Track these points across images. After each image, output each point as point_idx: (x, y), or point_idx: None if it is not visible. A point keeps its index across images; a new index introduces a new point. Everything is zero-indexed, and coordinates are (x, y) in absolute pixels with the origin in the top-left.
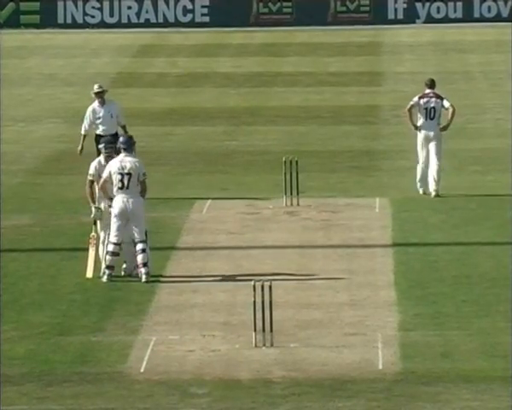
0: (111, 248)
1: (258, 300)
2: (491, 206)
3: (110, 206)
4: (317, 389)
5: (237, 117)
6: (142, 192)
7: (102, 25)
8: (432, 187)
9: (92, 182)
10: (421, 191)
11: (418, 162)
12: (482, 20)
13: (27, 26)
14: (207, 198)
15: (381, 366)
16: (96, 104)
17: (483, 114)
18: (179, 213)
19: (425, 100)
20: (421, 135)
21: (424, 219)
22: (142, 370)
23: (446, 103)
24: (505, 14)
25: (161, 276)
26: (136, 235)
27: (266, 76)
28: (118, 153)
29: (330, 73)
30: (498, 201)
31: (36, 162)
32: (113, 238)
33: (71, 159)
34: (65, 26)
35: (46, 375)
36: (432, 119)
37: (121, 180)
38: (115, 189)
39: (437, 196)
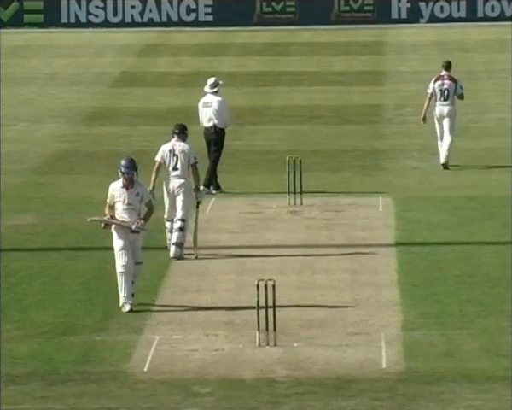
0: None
1: (262, 299)
2: (494, 205)
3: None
4: (321, 388)
5: (241, 116)
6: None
7: (106, 24)
8: (442, 159)
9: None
10: (442, 161)
11: (437, 141)
12: (486, 19)
13: (31, 25)
14: (211, 197)
15: (384, 366)
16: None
17: (486, 113)
18: None
19: (439, 82)
20: (436, 113)
21: (427, 218)
22: (145, 369)
23: (458, 90)
24: (509, 13)
25: (165, 275)
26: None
27: (270, 75)
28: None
29: (334, 73)
30: (501, 200)
31: (39, 162)
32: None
33: (74, 158)
34: (68, 25)
35: (49, 374)
36: (445, 100)
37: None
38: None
39: (445, 167)
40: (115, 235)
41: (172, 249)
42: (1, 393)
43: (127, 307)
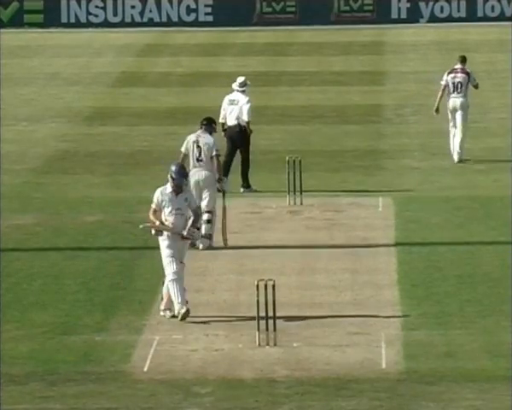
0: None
1: (262, 299)
2: (494, 205)
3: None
4: (321, 388)
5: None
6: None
7: (106, 24)
8: (455, 154)
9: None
10: (456, 159)
11: (449, 133)
12: (485, 19)
13: (31, 25)
14: None
15: (384, 366)
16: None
17: (486, 113)
18: None
19: (453, 75)
20: (450, 105)
21: (427, 218)
22: (145, 369)
23: (473, 81)
24: (508, 13)
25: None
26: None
27: (270, 75)
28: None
29: (334, 73)
30: (501, 200)
31: (39, 162)
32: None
33: (74, 158)
34: (68, 25)
35: (49, 374)
36: (459, 92)
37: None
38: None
39: (460, 161)
40: (165, 242)
41: (202, 241)
42: (1, 393)
43: (184, 310)
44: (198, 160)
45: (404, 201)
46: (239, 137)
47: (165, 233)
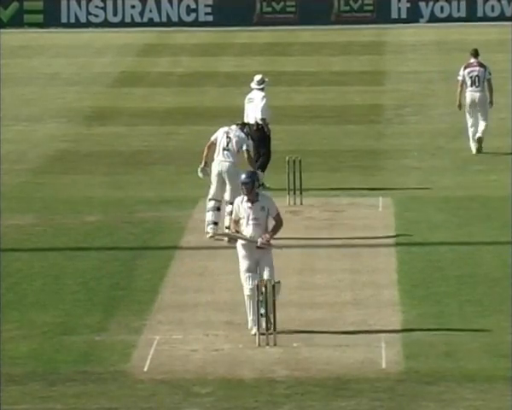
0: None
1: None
2: (494, 205)
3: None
4: (320, 388)
5: (241, 116)
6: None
7: (106, 24)
8: (473, 148)
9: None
10: (474, 151)
11: (468, 126)
12: (485, 19)
13: (31, 25)
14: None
15: (384, 366)
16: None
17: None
18: (183, 212)
19: (469, 69)
20: (467, 100)
21: (427, 218)
22: (145, 369)
23: (487, 76)
24: (508, 13)
25: (165, 275)
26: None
27: (270, 75)
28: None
29: (334, 73)
30: (501, 200)
31: (39, 162)
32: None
33: (74, 158)
34: (68, 25)
35: (49, 374)
36: (477, 86)
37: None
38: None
39: (479, 152)
40: (241, 253)
41: (213, 228)
42: (1, 393)
43: (255, 331)
44: (225, 149)
45: (404, 201)
46: (257, 135)
47: (241, 243)
